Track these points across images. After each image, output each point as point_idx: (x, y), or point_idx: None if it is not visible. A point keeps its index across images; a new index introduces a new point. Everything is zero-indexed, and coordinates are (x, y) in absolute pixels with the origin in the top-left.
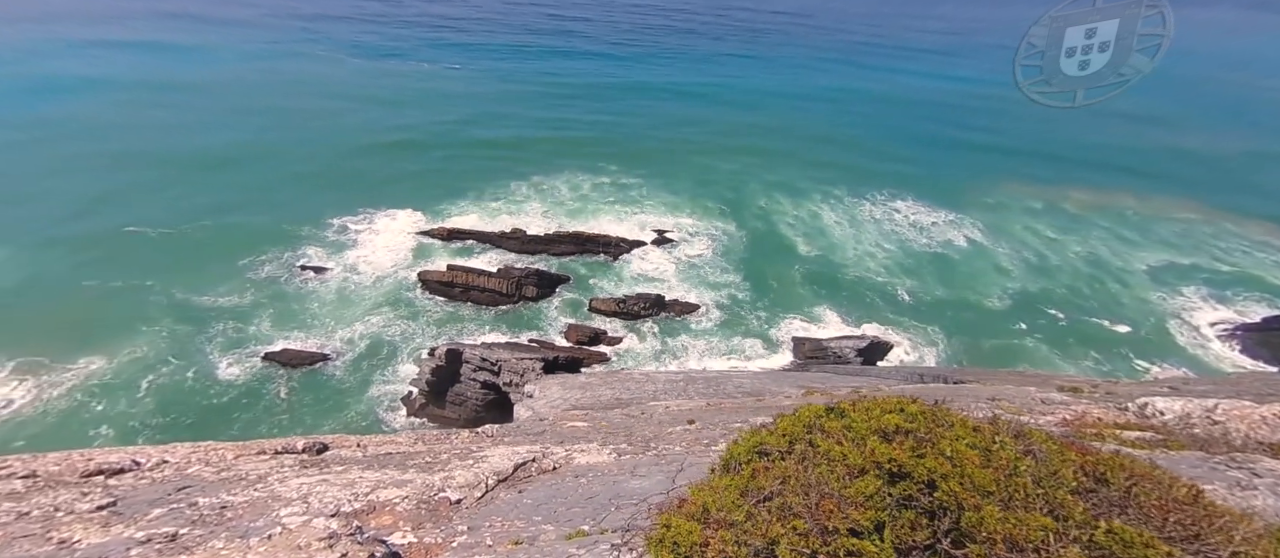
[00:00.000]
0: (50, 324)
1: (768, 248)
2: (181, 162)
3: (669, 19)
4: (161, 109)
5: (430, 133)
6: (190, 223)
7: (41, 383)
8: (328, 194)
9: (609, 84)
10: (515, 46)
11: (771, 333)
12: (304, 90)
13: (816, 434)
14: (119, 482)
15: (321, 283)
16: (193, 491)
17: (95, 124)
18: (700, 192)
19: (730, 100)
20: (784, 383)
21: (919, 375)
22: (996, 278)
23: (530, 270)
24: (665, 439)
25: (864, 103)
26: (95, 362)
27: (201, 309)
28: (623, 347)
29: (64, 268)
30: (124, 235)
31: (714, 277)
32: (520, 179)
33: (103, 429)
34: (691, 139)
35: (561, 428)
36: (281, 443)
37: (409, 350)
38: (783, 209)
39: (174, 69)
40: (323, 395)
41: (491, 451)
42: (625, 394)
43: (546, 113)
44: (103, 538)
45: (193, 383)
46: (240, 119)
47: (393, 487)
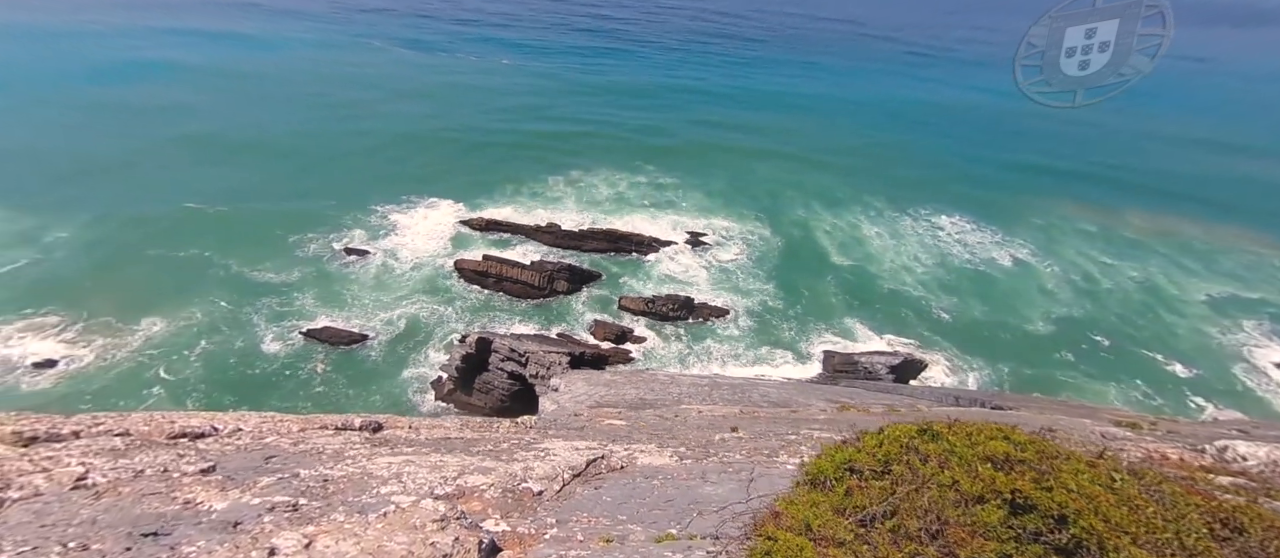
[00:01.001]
0: (117, 288)
1: (802, 256)
2: (242, 145)
3: (714, 22)
4: (227, 95)
5: (474, 126)
6: (245, 203)
7: (107, 343)
8: (374, 182)
9: (652, 85)
10: (562, 46)
11: (801, 343)
12: (358, 81)
13: (912, 456)
14: (206, 445)
15: (362, 266)
16: (284, 460)
17: (168, 107)
18: (736, 195)
19: (772, 106)
20: (812, 396)
21: (954, 397)
22: (1041, 301)
23: (562, 265)
24: (719, 446)
25: (912, 114)
26: (157, 324)
27: (251, 283)
28: (648, 347)
29: (132, 237)
30: (185, 210)
31: (745, 283)
32: (558, 175)
33: (156, 390)
34: (730, 143)
35: (599, 424)
36: (341, 419)
37: (441, 336)
38: (820, 218)
39: (242, 57)
40: (357, 374)
41: (552, 444)
42: (650, 394)
43: (589, 111)
44: (224, 503)
45: (239, 353)
46: (297, 107)
47: (478, 473)
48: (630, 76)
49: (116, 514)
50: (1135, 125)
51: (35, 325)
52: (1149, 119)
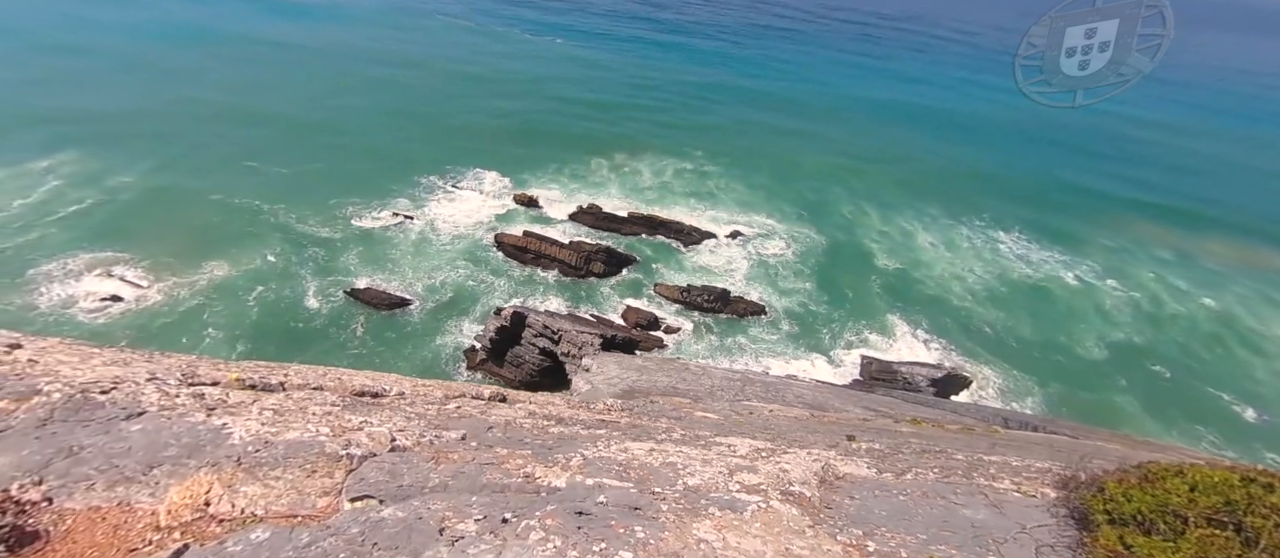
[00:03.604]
0: (180, 232)
1: (846, 258)
2: (299, 114)
3: (774, 18)
4: (286, 68)
5: (523, 105)
6: (301, 165)
7: (173, 283)
8: (425, 152)
9: (703, 77)
10: (617, 32)
11: (836, 346)
12: (410, 57)
13: (1256, 511)
14: (389, 398)
15: (405, 233)
16: (518, 435)
17: (231, 78)
18: (781, 191)
19: (824, 105)
20: (847, 401)
21: (1003, 419)
22: (1099, 323)
23: (600, 247)
24: (879, 456)
25: (980, 124)
26: (219, 269)
27: (301, 239)
28: (679, 336)
29: (194, 186)
30: (245, 167)
31: (784, 280)
32: (603, 158)
33: (211, 331)
34: (779, 139)
35: (691, 416)
36: (474, 388)
37: (477, 307)
38: (869, 221)
39: (303, 28)
40: (393, 337)
41: (730, 439)
42: (682, 384)
43: (638, 98)
44: (561, 481)
45: (287, 303)
46: (353, 80)
47: (746, 472)
48: (682, 67)
49: (465, 482)
50: (1240, 156)
51: (101, 261)
52: (1257, 149)
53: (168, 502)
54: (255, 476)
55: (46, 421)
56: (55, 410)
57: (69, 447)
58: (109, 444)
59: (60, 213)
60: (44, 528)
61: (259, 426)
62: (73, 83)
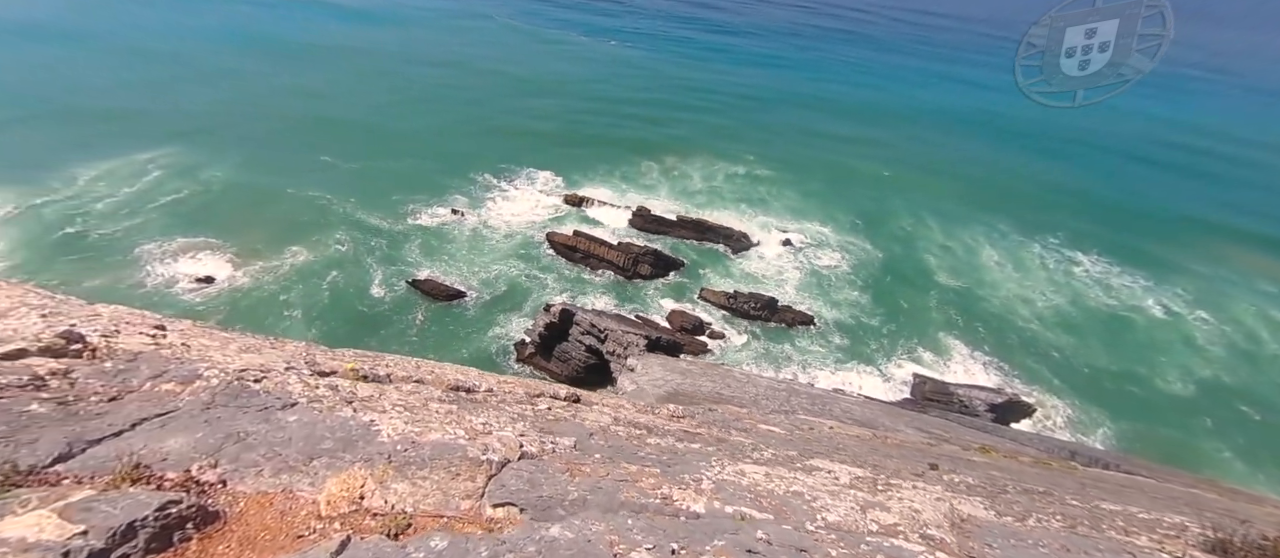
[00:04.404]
0: (265, 221)
1: (904, 272)
2: (365, 115)
3: (831, 19)
4: (350, 70)
5: (577, 107)
6: (371, 161)
7: (261, 267)
8: (481, 152)
9: (758, 81)
10: (671, 36)
11: (888, 362)
12: (473, 55)
13: None
14: (479, 394)
15: (461, 227)
16: (618, 447)
17: (300, 73)
18: (835, 199)
19: (885, 110)
20: (898, 420)
21: (1070, 452)
22: (1185, 356)
23: (648, 249)
24: (983, 497)
25: (1054, 130)
26: (300, 255)
27: (369, 230)
28: (724, 342)
29: (276, 180)
30: (321, 162)
31: (835, 291)
32: (654, 161)
33: (292, 312)
34: (836, 145)
35: (756, 428)
36: (551, 387)
37: (528, 303)
38: (929, 234)
39: (371, 33)
40: (450, 327)
41: (832, 467)
42: (726, 390)
43: (691, 101)
44: (698, 505)
45: (356, 290)
46: (415, 82)
47: (878, 510)
48: (735, 70)
49: (604, 497)
50: None
51: (197, 246)
52: None
53: (326, 493)
54: (404, 474)
55: (210, 405)
56: (216, 395)
57: (236, 432)
58: (271, 433)
59: (160, 200)
60: (221, 509)
61: (403, 425)
62: (167, 84)
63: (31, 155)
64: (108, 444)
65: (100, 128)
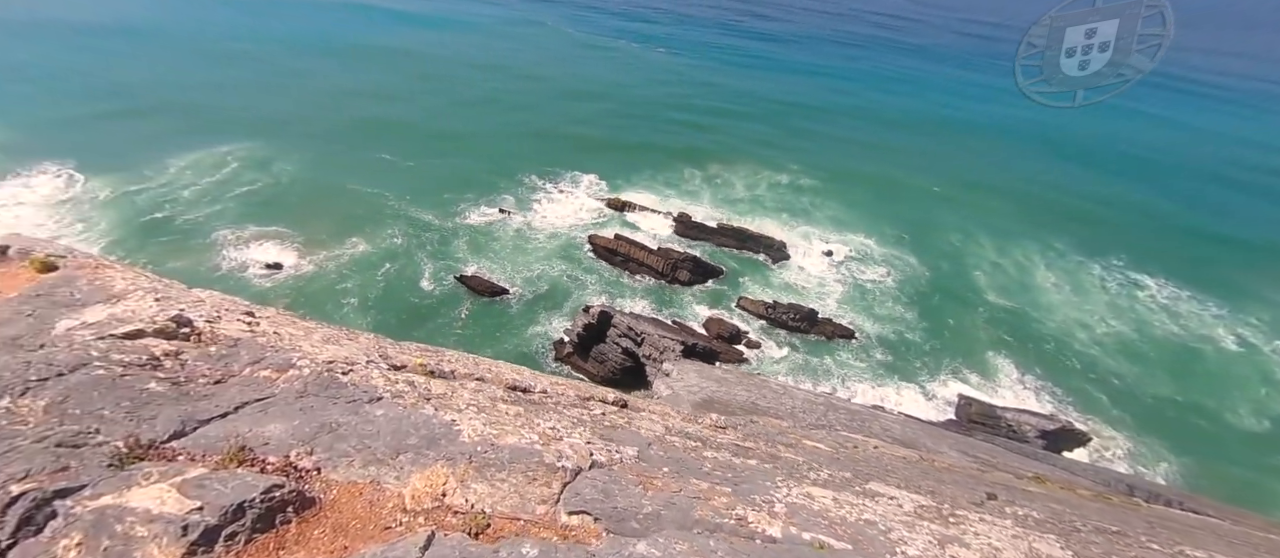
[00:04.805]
0: (329, 213)
1: (951, 289)
2: (425, 119)
3: (881, 29)
4: (408, 75)
5: (624, 111)
6: (425, 160)
7: (324, 256)
8: (529, 155)
9: (803, 91)
10: (719, 45)
11: (931, 380)
12: (526, 62)
13: None
14: (535, 395)
15: (507, 226)
16: (682, 462)
17: (364, 74)
18: (882, 212)
19: (938, 121)
20: (941, 442)
21: (1129, 487)
22: (1261, 390)
23: (687, 255)
24: (1060, 536)
25: (1120, 147)
26: (359, 246)
27: (421, 226)
28: (761, 352)
29: (340, 175)
30: (381, 160)
31: (879, 306)
32: (697, 168)
33: (350, 299)
34: (884, 156)
35: (801, 444)
36: (599, 391)
37: (568, 303)
38: (981, 251)
39: (432, 38)
40: (492, 322)
41: (894, 493)
42: (762, 400)
43: (736, 109)
44: (775, 530)
45: (407, 282)
46: (474, 85)
47: (958, 546)
48: (782, 79)
49: (678, 514)
50: None
51: (267, 234)
52: None
53: (411, 487)
54: (484, 475)
55: (303, 393)
56: (308, 385)
57: (329, 423)
58: (360, 425)
59: (237, 191)
60: (316, 495)
61: (482, 426)
62: (246, 83)
63: (129, 146)
64: (215, 425)
65: (188, 121)
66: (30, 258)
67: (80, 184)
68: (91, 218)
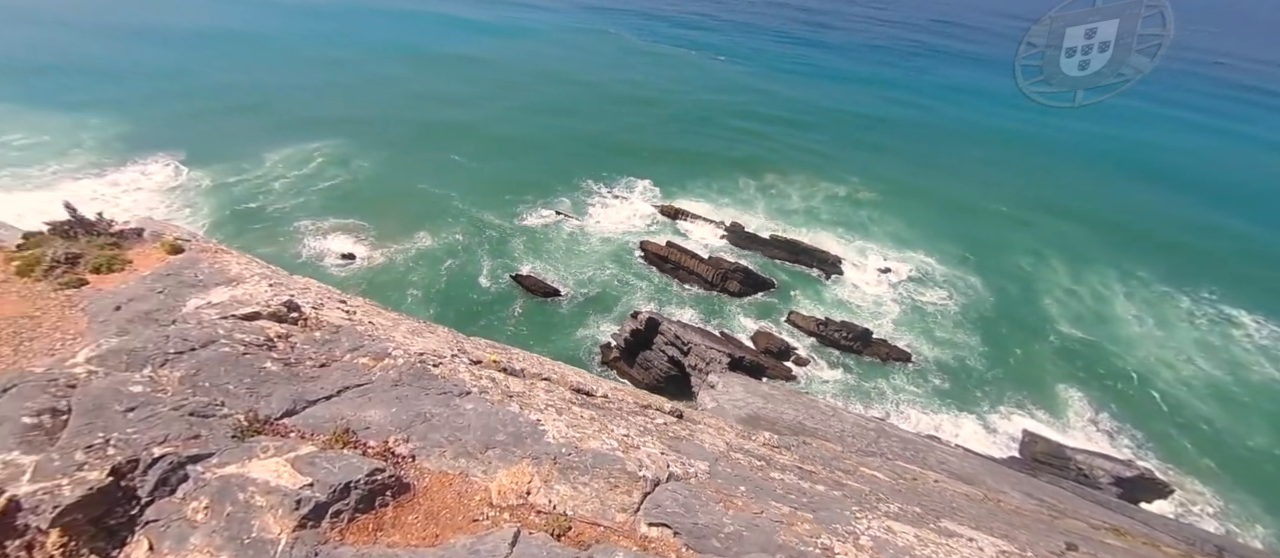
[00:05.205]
0: (400, 208)
1: (1018, 316)
2: (493, 123)
3: (952, 40)
4: (479, 82)
5: (682, 117)
6: (491, 161)
7: (393, 248)
8: (587, 161)
9: (870, 103)
10: (784, 53)
11: (993, 413)
12: (587, 69)
13: None
14: (593, 397)
15: (563, 230)
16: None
17: (434, 80)
18: (945, 230)
19: (1012, 137)
20: (1003, 481)
21: (1217, 547)
22: None
23: (738, 266)
24: None
25: (1216, 170)
26: (425, 241)
27: (483, 225)
28: (810, 370)
29: (411, 173)
30: (451, 161)
31: (939, 329)
32: (752, 177)
33: (412, 292)
34: (950, 172)
35: (859, 471)
36: (656, 400)
37: (617, 307)
38: (1053, 276)
39: (498, 46)
40: (543, 321)
41: (974, 535)
42: (810, 421)
43: (801, 118)
44: None
45: (467, 278)
46: (536, 92)
47: None
48: (846, 90)
49: (762, 537)
50: None
51: (344, 226)
52: None
53: (497, 482)
54: (567, 477)
55: (398, 382)
56: (402, 374)
57: (423, 413)
58: (451, 417)
59: (320, 185)
60: (411, 481)
61: (566, 428)
62: (333, 87)
63: (230, 141)
64: (321, 406)
65: (282, 120)
66: (161, 240)
67: (186, 173)
68: (196, 204)
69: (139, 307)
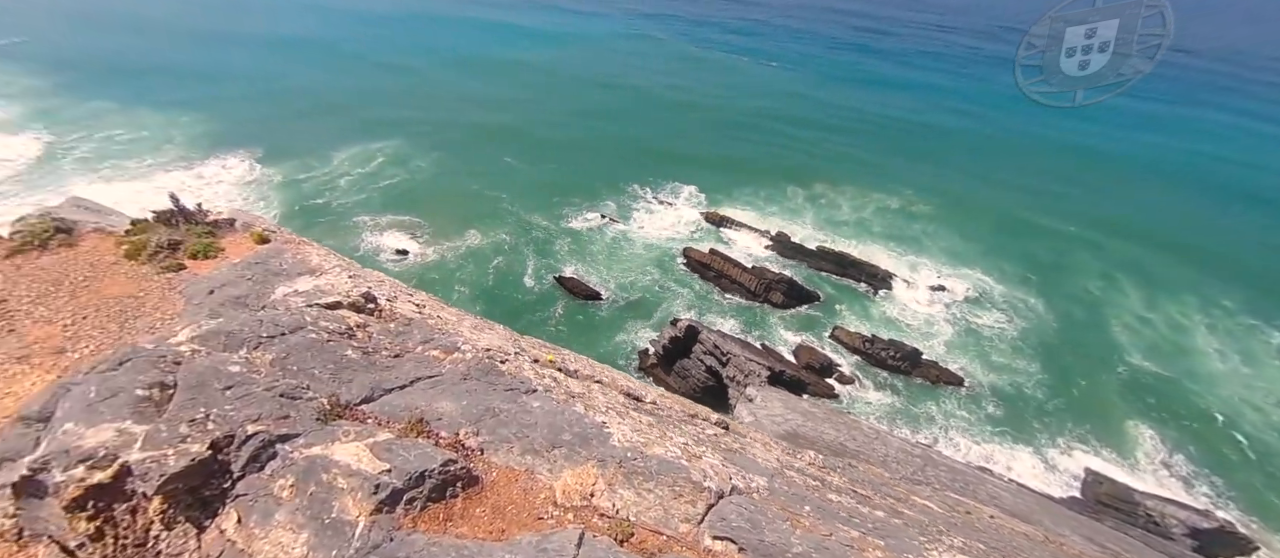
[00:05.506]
0: (452, 207)
1: (1084, 343)
2: (548, 128)
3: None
4: (532, 85)
5: (733, 123)
6: (541, 164)
7: (445, 246)
8: (634, 166)
9: (927, 113)
10: (839, 61)
11: (1052, 448)
12: (639, 75)
13: None
14: (643, 403)
15: (606, 234)
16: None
17: (490, 85)
18: (1005, 248)
19: (1085, 152)
20: (1062, 523)
21: None
22: None
23: (782, 277)
24: None
25: None
26: (475, 239)
27: (529, 226)
28: (853, 389)
29: (464, 174)
30: (504, 164)
31: (995, 353)
32: (801, 186)
33: (460, 288)
34: (1012, 187)
35: (914, 502)
36: (702, 411)
37: (657, 313)
38: (1125, 303)
39: (551, 53)
40: (583, 323)
41: None
42: (851, 442)
43: (853, 125)
44: None
45: (512, 277)
46: (587, 98)
47: None
48: (902, 100)
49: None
50: None
51: (400, 223)
52: None
53: (562, 482)
54: (631, 483)
55: (466, 376)
56: (470, 369)
57: (491, 408)
58: (519, 414)
59: (381, 183)
60: (480, 475)
61: (630, 433)
62: (397, 91)
63: (300, 140)
64: (396, 395)
65: (349, 121)
66: (250, 230)
67: (260, 169)
68: (268, 197)
69: (230, 291)
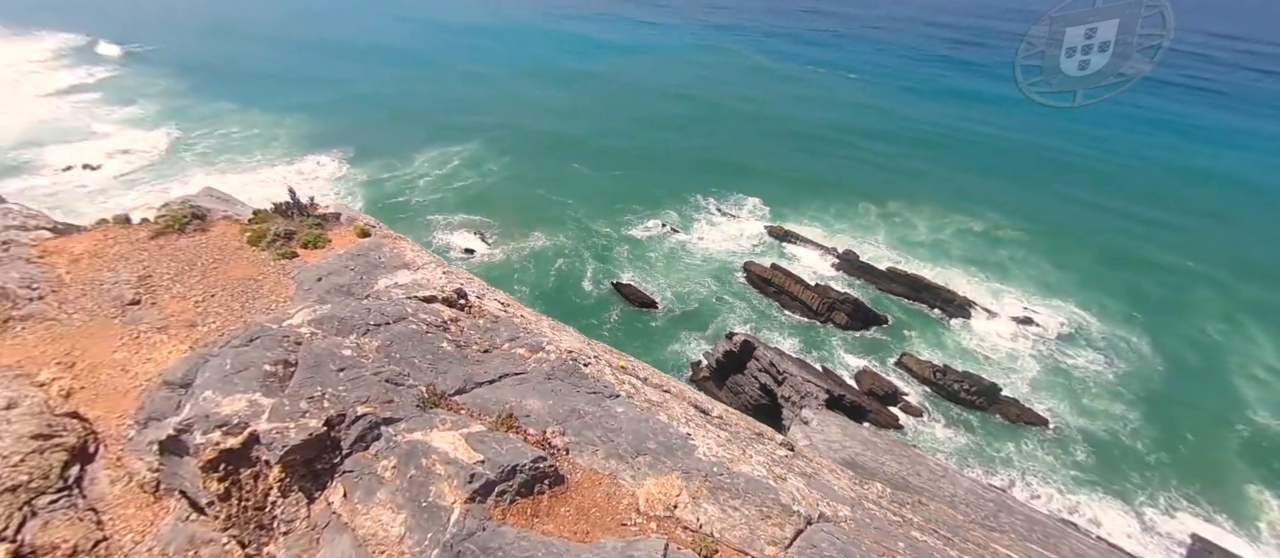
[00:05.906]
0: (519, 209)
1: (1197, 393)
2: (608, 136)
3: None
4: (601, 96)
5: (805, 134)
6: (606, 170)
7: (511, 246)
8: (699, 173)
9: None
10: (922, 73)
11: (1154, 504)
12: (709, 82)
13: None
14: (711, 417)
15: (666, 242)
16: (886, 526)
17: (562, 95)
18: (1105, 280)
19: (1221, 178)
20: None
21: None
22: None
23: (848, 296)
24: None
25: None
26: (540, 240)
27: (591, 230)
28: (920, 421)
29: (533, 178)
30: (572, 169)
31: (1088, 396)
32: (874, 203)
33: (520, 288)
34: (1115, 213)
35: (994, 550)
36: (768, 430)
37: (712, 325)
38: (1253, 351)
39: (622, 64)
40: (638, 330)
41: None
42: (915, 478)
43: (936, 139)
44: None
45: (572, 281)
46: (654, 109)
47: None
48: (996, 116)
49: None
50: None
51: (470, 223)
52: None
53: (645, 490)
54: (716, 498)
55: (551, 376)
56: (555, 369)
57: (576, 409)
58: (603, 418)
59: (455, 185)
60: (566, 474)
61: (716, 447)
62: (477, 98)
63: (387, 142)
64: (486, 389)
65: (431, 126)
66: (354, 224)
67: (349, 168)
68: (354, 193)
69: (336, 280)
